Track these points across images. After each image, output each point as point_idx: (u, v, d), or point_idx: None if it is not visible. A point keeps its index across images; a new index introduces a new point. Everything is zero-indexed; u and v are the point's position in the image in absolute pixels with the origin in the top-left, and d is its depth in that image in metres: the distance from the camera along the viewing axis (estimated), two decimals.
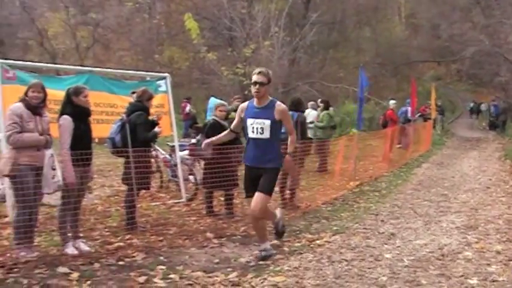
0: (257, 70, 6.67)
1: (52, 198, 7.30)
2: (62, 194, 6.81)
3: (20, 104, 6.50)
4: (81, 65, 11.79)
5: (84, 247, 6.90)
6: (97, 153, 7.40)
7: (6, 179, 6.82)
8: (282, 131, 6.92)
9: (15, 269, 6.09)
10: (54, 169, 6.56)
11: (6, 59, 9.43)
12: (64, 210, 6.84)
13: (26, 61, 12.01)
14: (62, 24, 37.76)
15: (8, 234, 7.20)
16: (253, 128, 6.61)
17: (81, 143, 6.75)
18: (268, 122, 6.55)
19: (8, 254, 6.50)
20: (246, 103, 6.85)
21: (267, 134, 6.57)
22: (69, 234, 6.90)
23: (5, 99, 7.96)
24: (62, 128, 6.68)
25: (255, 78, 6.59)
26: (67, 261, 6.45)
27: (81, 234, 7.14)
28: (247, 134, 6.73)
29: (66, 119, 6.68)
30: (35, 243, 6.75)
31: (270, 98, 6.71)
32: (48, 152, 6.58)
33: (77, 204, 6.96)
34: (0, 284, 5.60)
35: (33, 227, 6.61)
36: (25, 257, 6.37)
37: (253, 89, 6.61)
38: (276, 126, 6.61)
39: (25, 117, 6.43)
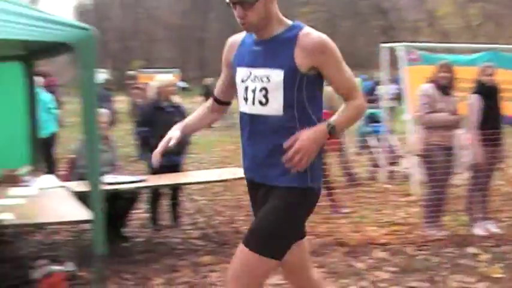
0: None
1: (459, 179, 7.28)
2: (470, 175, 6.74)
3: (431, 85, 6.57)
4: (473, 43, 11.48)
5: (493, 228, 6.72)
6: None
7: (414, 159, 7.01)
8: None
9: (425, 247, 6.19)
10: (464, 149, 6.54)
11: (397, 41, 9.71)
12: (472, 190, 6.75)
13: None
14: (451, 3, 37.59)
15: (415, 212, 7.39)
16: (247, 90, 3.04)
17: (490, 122, 6.55)
18: (279, 75, 2.90)
19: (417, 232, 6.67)
20: (239, 36, 3.19)
21: (276, 105, 2.94)
22: (478, 215, 6.78)
23: (410, 80, 8.24)
24: (470, 107, 6.58)
25: None
26: (475, 241, 6.33)
27: (490, 216, 6.95)
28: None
29: (475, 98, 6.56)
30: (443, 222, 6.80)
31: (289, 22, 3.01)
32: (459, 132, 6.56)
33: (485, 185, 6.79)
34: (410, 260, 5.77)
35: (441, 206, 6.68)
36: (434, 235, 6.47)
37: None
38: (299, 83, 2.91)
39: (435, 97, 6.48)
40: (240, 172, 6.67)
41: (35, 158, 6.83)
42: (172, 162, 6.82)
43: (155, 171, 6.66)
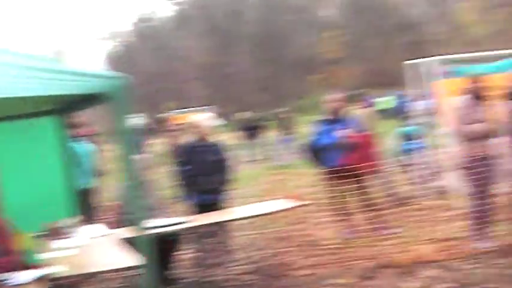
0: None
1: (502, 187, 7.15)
2: None
3: (467, 96, 6.55)
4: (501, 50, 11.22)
5: None
6: None
7: (453, 173, 6.92)
8: None
9: (472, 260, 6.10)
10: (503, 158, 6.46)
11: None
12: None
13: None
14: (476, 11, 37.29)
15: (459, 226, 7.19)
16: None
17: None
18: None
19: (466, 246, 6.53)
20: None
21: None
22: None
23: (442, 93, 8.25)
24: (509, 114, 6.49)
25: None
26: None
27: None
28: None
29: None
30: (492, 233, 6.63)
31: None
32: (496, 141, 6.48)
33: None
34: (465, 274, 5.70)
35: (488, 217, 6.55)
36: (484, 247, 6.35)
37: None
38: None
39: (471, 108, 6.44)
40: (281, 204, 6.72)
41: (75, 209, 6.89)
42: (209, 201, 6.94)
43: (196, 211, 6.79)
